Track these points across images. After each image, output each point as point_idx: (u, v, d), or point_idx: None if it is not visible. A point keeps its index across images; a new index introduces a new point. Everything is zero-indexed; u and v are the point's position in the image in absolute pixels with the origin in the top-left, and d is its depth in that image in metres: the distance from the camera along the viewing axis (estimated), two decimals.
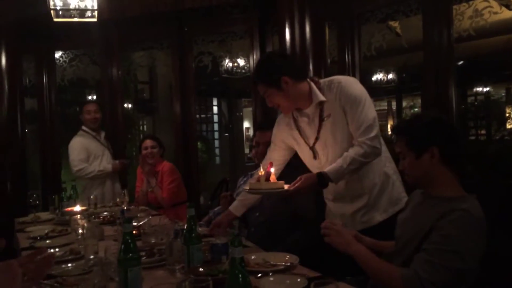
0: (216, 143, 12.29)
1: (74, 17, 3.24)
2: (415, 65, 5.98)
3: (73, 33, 4.59)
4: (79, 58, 5.15)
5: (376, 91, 8.23)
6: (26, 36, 4.74)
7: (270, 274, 1.71)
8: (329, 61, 3.87)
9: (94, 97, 7.21)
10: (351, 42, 3.92)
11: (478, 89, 9.34)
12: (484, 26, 3.32)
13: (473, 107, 9.14)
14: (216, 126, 12.28)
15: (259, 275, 1.70)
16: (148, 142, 3.98)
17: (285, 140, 2.38)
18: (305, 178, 2.09)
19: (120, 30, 4.82)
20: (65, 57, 5.14)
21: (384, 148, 2.22)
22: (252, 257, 1.91)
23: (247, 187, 2.22)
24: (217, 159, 11.78)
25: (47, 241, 2.56)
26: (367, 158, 2.08)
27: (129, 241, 1.50)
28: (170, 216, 3.14)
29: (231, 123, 12.31)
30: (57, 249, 2.31)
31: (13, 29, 4.61)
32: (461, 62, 6.10)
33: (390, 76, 8.35)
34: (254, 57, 4.84)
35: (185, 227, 1.80)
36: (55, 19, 3.17)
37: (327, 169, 2.10)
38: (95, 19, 3.26)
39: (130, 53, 5.47)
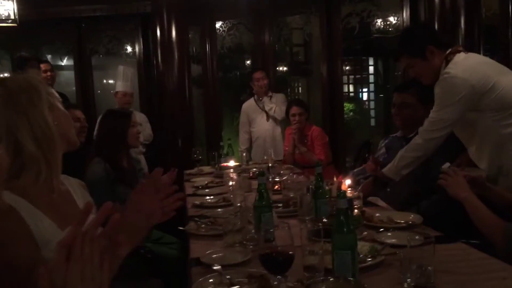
0: (372, 104, 12.05)
1: None
2: None
3: (230, 5, 5.01)
4: (235, 27, 5.61)
5: None
6: (191, 9, 5.32)
7: (390, 230, 1.82)
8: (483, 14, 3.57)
9: (250, 61, 7.75)
10: None
11: None
12: None
13: None
14: (372, 87, 12.00)
15: (380, 230, 1.83)
16: (295, 109, 4.16)
17: None
18: (362, 187, 2.40)
19: None
20: (224, 27, 5.64)
21: None
22: (377, 214, 2.03)
23: None
24: (372, 121, 11.59)
25: (206, 190, 3.04)
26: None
27: (263, 191, 1.77)
28: (325, 177, 3.37)
29: (387, 83, 11.90)
30: (212, 197, 2.75)
31: (181, 4, 5.21)
32: None
33: None
34: (404, 15, 4.67)
35: (314, 182, 2.00)
36: None
37: (384, 168, 2.38)
38: None
39: (283, 18, 5.73)
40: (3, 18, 4.27)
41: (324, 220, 1.84)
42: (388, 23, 5.46)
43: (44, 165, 1.21)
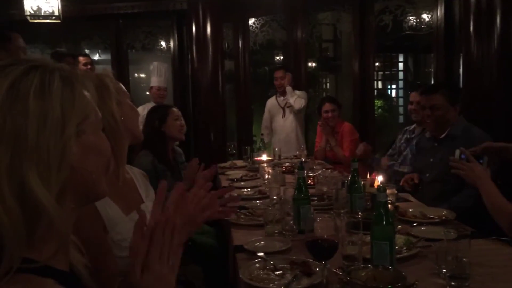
0: (401, 101, 11.94)
1: None
2: None
3: (264, 2, 5.10)
4: (268, 23, 5.70)
5: None
6: (226, 7, 5.43)
7: (424, 224, 1.89)
8: None
9: (281, 57, 7.83)
10: None
11: None
12: None
13: None
14: (401, 84, 11.89)
15: (414, 224, 1.91)
16: (328, 106, 4.25)
17: None
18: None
19: None
20: (257, 24, 5.74)
21: None
22: (410, 210, 2.10)
23: None
24: (401, 118, 11.50)
25: (241, 183, 3.15)
26: None
27: (301, 184, 1.87)
28: (347, 172, 3.46)
29: (417, 80, 11.78)
30: (248, 189, 2.86)
31: (216, 1, 5.33)
32: None
33: None
34: (439, 12, 4.66)
35: (349, 178, 2.09)
36: None
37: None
38: None
39: (315, 15, 5.79)
40: (48, 14, 4.47)
41: (360, 213, 1.93)
42: (421, 20, 5.46)
43: (113, 158, 1.32)
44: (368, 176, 2.56)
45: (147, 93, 5.06)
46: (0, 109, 0.69)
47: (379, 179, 2.47)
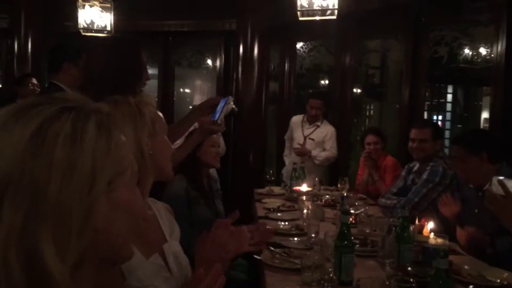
0: (447, 133, 11.52)
1: (316, 15, 3.55)
2: None
3: (313, 27, 5.00)
4: (317, 48, 5.60)
5: None
6: (274, 29, 5.38)
7: None
8: None
9: (327, 81, 7.69)
10: None
11: None
12: None
13: None
14: (448, 116, 11.48)
15: (471, 287, 1.70)
16: (371, 138, 4.06)
17: None
18: None
19: (356, 22, 5.02)
20: (305, 48, 5.65)
21: None
22: (466, 267, 1.89)
23: None
24: (446, 151, 11.05)
25: (278, 214, 3.01)
26: None
27: (345, 231, 1.71)
28: None
29: (466, 112, 11.33)
30: (286, 223, 2.71)
31: (265, 23, 5.29)
32: None
33: None
34: (499, 47, 4.41)
35: (399, 225, 1.91)
36: (300, 18, 3.55)
37: None
38: (334, 17, 3.51)
39: (364, 41, 5.66)
40: (100, 28, 4.55)
41: (409, 268, 1.75)
42: (477, 53, 5.21)
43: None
44: (416, 222, 2.37)
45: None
46: (21, 158, 0.57)
47: (429, 226, 2.28)
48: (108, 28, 4.50)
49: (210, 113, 2.13)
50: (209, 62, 6.20)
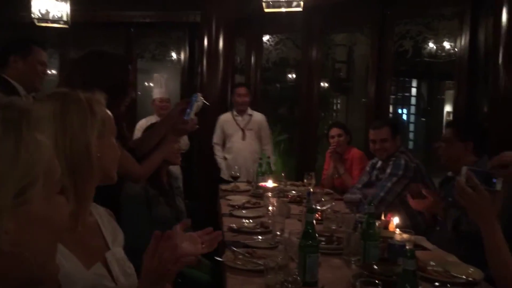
0: (411, 126, 11.74)
1: (282, 7, 3.47)
2: None
3: (280, 20, 4.92)
4: (283, 41, 5.53)
5: None
6: (240, 21, 5.27)
7: (448, 285, 1.65)
8: None
9: (294, 75, 7.65)
10: None
11: None
12: None
13: None
14: (412, 109, 11.70)
15: (436, 284, 1.66)
16: (335, 131, 4.04)
17: None
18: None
19: (322, 15, 4.97)
20: (271, 41, 5.57)
21: None
22: (431, 263, 1.86)
23: None
24: (410, 144, 11.26)
25: (243, 211, 2.92)
26: None
27: (310, 230, 1.64)
28: None
29: (429, 106, 11.58)
30: (250, 220, 2.63)
31: (230, 15, 5.17)
32: None
33: None
34: (463, 40, 4.46)
35: (364, 222, 1.85)
36: (266, 10, 3.45)
37: None
38: (300, 9, 3.44)
39: (330, 35, 5.63)
40: (56, 19, 4.31)
41: (375, 266, 1.69)
42: (441, 47, 5.27)
43: (73, 196, 1.06)
44: (382, 217, 2.33)
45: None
46: None
47: (395, 221, 2.25)
48: (65, 18, 4.27)
49: (180, 113, 2.18)
50: (174, 55, 6.03)
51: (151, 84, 8.37)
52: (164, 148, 2.21)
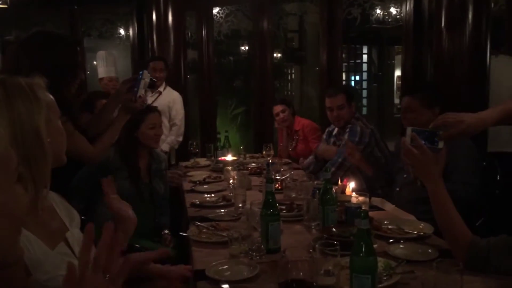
0: (364, 92, 11.99)
1: None
2: None
3: None
4: (233, 13, 5.47)
5: None
6: None
7: (401, 241, 1.76)
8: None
9: (246, 47, 7.61)
10: None
11: None
12: None
13: None
14: (365, 75, 11.94)
15: (391, 240, 1.77)
16: (278, 108, 4.06)
17: None
18: None
19: None
20: (222, 13, 5.50)
21: None
22: (385, 222, 1.97)
23: None
24: (364, 110, 11.55)
25: (205, 186, 2.95)
26: None
27: (270, 200, 1.69)
28: None
29: (381, 71, 11.85)
30: (212, 195, 2.66)
31: None
32: None
33: None
34: (407, 6, 4.58)
35: (322, 188, 1.93)
36: None
37: None
38: None
39: (281, 5, 5.62)
40: None
41: (334, 229, 1.78)
42: (388, 13, 5.39)
43: (32, 183, 1.03)
44: (339, 182, 2.42)
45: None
46: None
47: (351, 185, 2.34)
48: None
49: (128, 91, 2.19)
50: (122, 31, 5.85)
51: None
52: (116, 127, 2.20)
